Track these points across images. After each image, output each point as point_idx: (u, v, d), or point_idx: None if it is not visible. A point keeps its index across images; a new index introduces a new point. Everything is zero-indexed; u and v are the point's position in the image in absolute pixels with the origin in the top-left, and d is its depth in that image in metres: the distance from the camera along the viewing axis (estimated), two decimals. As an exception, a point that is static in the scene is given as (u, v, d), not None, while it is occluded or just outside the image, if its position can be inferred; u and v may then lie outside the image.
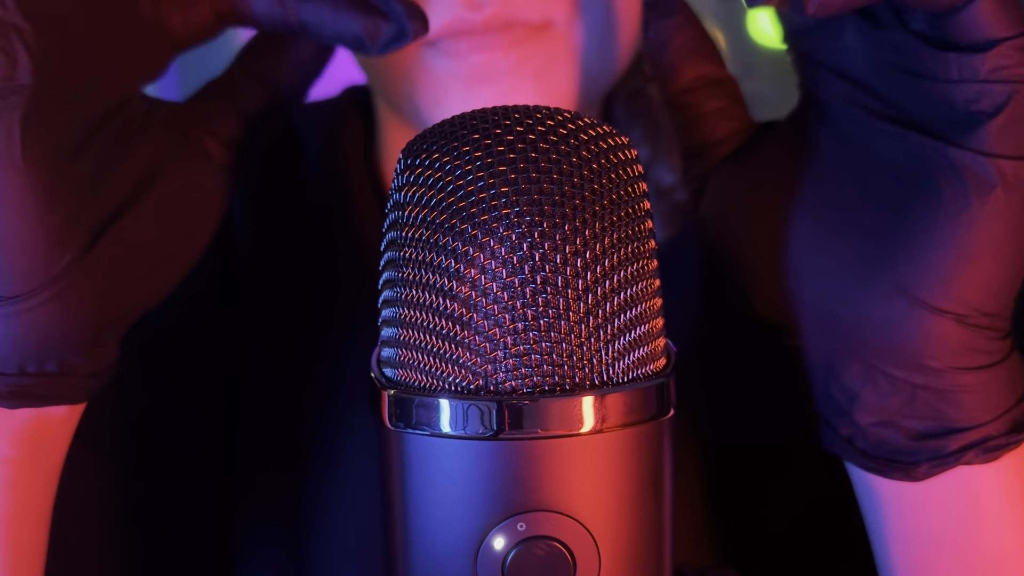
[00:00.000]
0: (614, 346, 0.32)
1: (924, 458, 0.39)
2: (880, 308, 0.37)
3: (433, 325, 0.31)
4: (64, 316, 0.36)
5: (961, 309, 0.36)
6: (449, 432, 0.31)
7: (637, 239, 0.32)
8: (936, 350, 0.37)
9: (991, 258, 0.36)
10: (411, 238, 0.32)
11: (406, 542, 0.33)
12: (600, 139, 0.32)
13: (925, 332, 0.37)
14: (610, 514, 0.32)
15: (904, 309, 0.37)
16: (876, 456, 0.40)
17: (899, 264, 0.37)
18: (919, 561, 0.41)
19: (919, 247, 0.36)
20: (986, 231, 0.35)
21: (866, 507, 0.43)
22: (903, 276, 0.37)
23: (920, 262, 0.36)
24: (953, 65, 0.34)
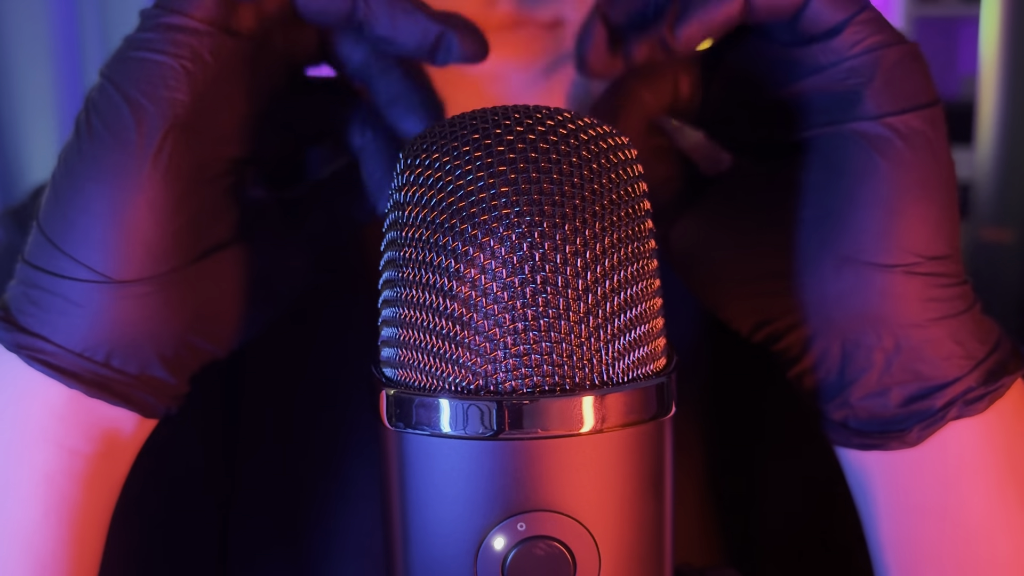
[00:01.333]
0: (614, 346, 0.32)
1: (914, 422, 0.40)
2: (833, 280, 0.39)
3: (433, 325, 0.31)
4: (159, 315, 0.38)
5: (906, 259, 0.38)
6: (449, 432, 0.31)
7: (637, 239, 0.32)
8: (895, 307, 0.39)
9: (914, 203, 0.38)
10: (411, 238, 0.32)
11: (406, 542, 0.33)
12: (600, 139, 0.32)
13: (880, 291, 0.39)
14: (610, 514, 0.32)
15: (854, 275, 0.39)
16: (870, 432, 0.41)
17: (836, 237, 0.39)
18: (909, 530, 0.42)
19: (848, 217, 0.39)
20: (900, 182, 0.38)
21: (857, 487, 0.44)
22: (843, 246, 0.39)
23: (853, 228, 0.39)
24: (819, 54, 0.39)
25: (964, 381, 0.40)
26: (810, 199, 0.40)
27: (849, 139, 0.39)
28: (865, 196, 0.38)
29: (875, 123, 0.38)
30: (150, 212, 0.37)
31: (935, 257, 0.39)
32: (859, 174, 0.39)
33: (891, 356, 0.40)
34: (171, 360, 0.39)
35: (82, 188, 0.37)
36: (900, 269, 0.38)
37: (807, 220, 0.40)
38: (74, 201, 0.37)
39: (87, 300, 0.37)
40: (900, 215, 0.38)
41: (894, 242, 0.38)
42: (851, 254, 0.39)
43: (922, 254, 0.38)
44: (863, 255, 0.39)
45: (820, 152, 0.40)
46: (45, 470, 0.38)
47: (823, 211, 0.40)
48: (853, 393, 0.41)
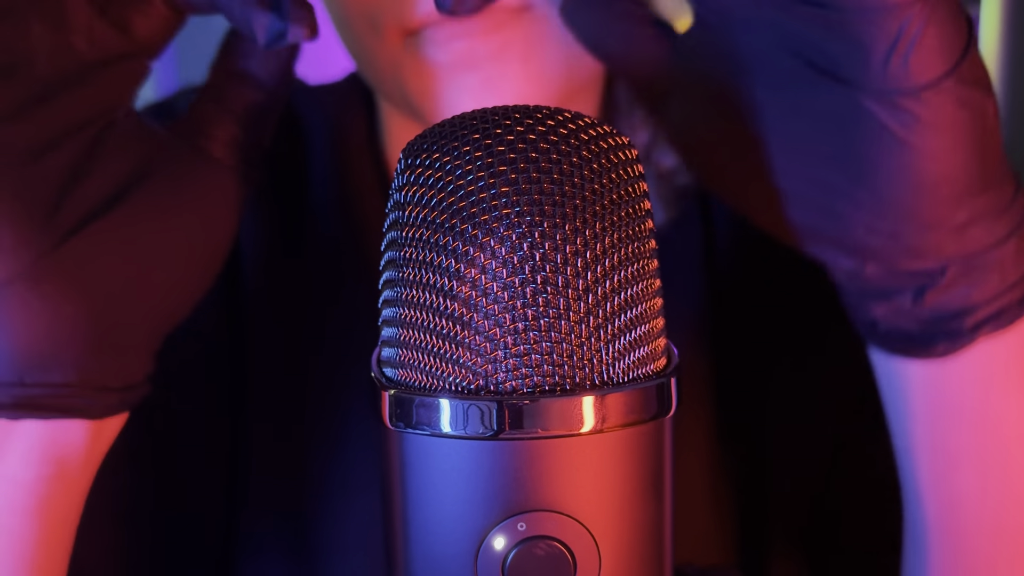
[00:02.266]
0: (614, 346, 0.32)
1: (941, 339, 0.39)
2: (865, 237, 0.38)
3: (433, 325, 0.31)
4: (48, 310, 0.35)
5: (941, 222, 0.37)
6: (449, 432, 0.31)
7: (637, 239, 0.32)
8: (936, 253, 0.37)
9: (944, 169, 0.36)
10: (411, 238, 0.32)
11: (406, 542, 0.33)
12: (600, 139, 0.32)
13: (917, 248, 0.37)
14: (610, 514, 0.32)
15: (887, 238, 0.37)
16: (895, 339, 0.40)
17: (867, 212, 0.37)
18: (940, 437, 0.41)
19: (875, 185, 0.37)
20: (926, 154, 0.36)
21: (887, 391, 0.43)
22: (876, 218, 0.37)
23: (885, 204, 0.37)
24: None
25: (999, 301, 0.38)
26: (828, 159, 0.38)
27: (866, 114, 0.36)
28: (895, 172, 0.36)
29: (898, 97, 0.35)
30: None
31: (975, 206, 0.37)
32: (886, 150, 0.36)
33: (922, 285, 0.38)
34: (101, 351, 0.37)
35: None
36: (938, 226, 0.37)
37: (827, 157, 0.38)
38: None
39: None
40: (938, 186, 0.36)
41: (927, 216, 0.36)
42: (882, 226, 0.37)
43: (959, 211, 0.37)
44: (895, 225, 0.37)
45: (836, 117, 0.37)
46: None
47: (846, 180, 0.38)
48: (877, 309, 0.40)
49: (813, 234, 0.40)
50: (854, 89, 0.35)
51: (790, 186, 0.39)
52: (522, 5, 0.46)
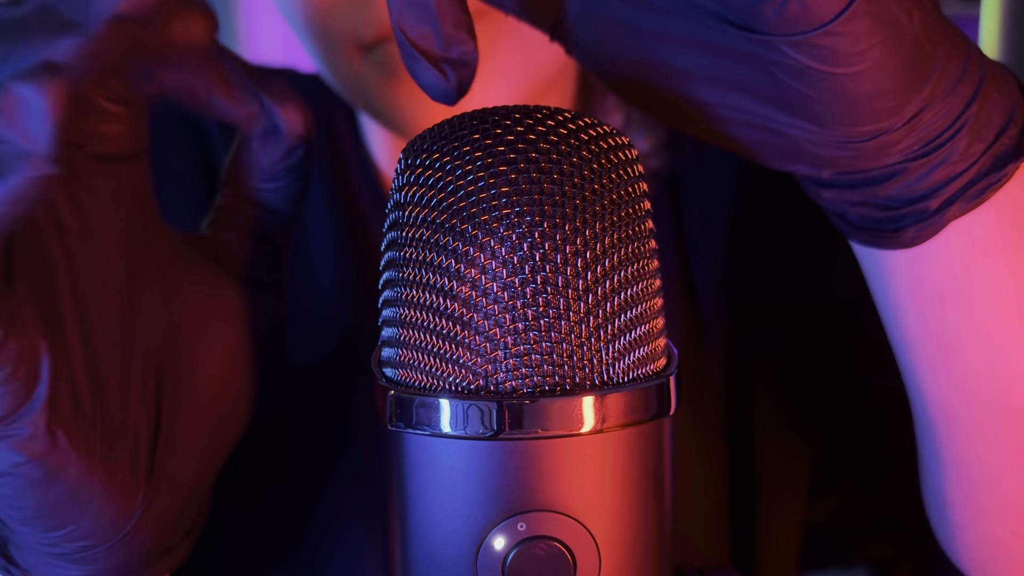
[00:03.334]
0: (614, 346, 0.32)
1: (909, 224, 0.38)
2: (816, 150, 0.36)
3: (433, 325, 0.31)
4: (155, 524, 0.36)
5: (887, 123, 0.35)
6: (449, 432, 0.31)
7: (637, 239, 0.32)
8: (890, 150, 0.36)
9: (885, 77, 0.34)
10: (411, 238, 0.32)
11: (406, 542, 0.33)
12: (600, 139, 0.32)
13: (869, 152, 0.36)
14: (610, 514, 0.32)
15: (837, 149, 0.36)
16: (865, 228, 0.39)
17: (810, 134, 0.36)
18: (931, 324, 0.40)
19: (815, 114, 0.35)
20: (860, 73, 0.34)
21: (873, 283, 0.42)
22: (822, 137, 0.36)
23: (825, 121, 0.35)
24: None
25: (965, 175, 0.37)
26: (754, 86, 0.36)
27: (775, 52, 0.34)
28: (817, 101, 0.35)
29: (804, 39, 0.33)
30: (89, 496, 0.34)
31: (920, 97, 0.35)
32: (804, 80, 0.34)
33: (883, 175, 0.37)
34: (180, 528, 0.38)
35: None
36: (886, 130, 0.35)
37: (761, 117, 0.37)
38: None
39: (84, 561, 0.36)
40: (868, 106, 0.34)
41: (871, 126, 0.35)
42: (826, 140, 0.36)
43: (904, 110, 0.35)
44: (843, 134, 0.35)
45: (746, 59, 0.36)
46: None
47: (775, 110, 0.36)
48: (842, 200, 0.38)
49: (761, 150, 0.38)
50: (763, 36, 0.34)
51: (724, 114, 0.38)
52: (479, 10, 0.46)
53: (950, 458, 0.42)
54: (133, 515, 0.35)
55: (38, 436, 0.32)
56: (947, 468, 0.42)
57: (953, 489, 0.42)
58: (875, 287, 0.42)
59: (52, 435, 0.32)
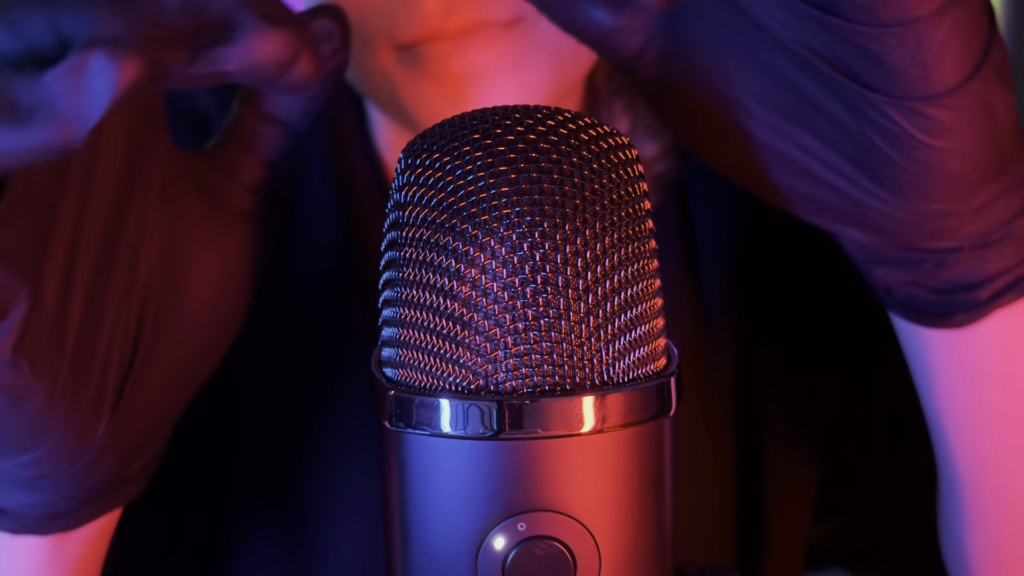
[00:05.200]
0: (615, 346, 0.32)
1: (957, 310, 0.38)
2: (878, 220, 0.37)
3: (433, 325, 0.31)
4: (115, 455, 0.36)
5: (960, 207, 0.36)
6: (449, 432, 0.31)
7: (638, 239, 0.32)
8: (952, 234, 0.36)
9: (966, 161, 0.35)
10: (411, 238, 0.32)
11: (406, 542, 0.33)
12: (601, 139, 0.32)
13: (933, 231, 0.36)
14: (610, 514, 0.32)
15: (902, 223, 0.36)
16: (911, 307, 0.39)
17: (881, 202, 0.36)
18: (966, 400, 0.41)
19: (895, 183, 0.35)
20: (950, 150, 0.34)
21: (910, 354, 0.42)
22: (891, 208, 0.36)
23: (902, 193, 0.36)
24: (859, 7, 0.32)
25: (1013, 272, 0.38)
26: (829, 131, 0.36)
27: (874, 110, 0.34)
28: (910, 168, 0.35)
29: (915, 103, 0.33)
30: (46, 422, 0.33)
31: (993, 189, 0.36)
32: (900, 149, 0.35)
33: (943, 259, 0.37)
34: (135, 456, 0.37)
35: None
36: (955, 213, 0.36)
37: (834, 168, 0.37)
38: None
39: (36, 489, 0.35)
40: (950, 180, 0.35)
41: (944, 207, 0.35)
42: (895, 209, 0.36)
43: (977, 198, 0.35)
44: (910, 210, 0.36)
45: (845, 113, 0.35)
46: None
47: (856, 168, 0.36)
48: (890, 277, 0.39)
49: (818, 208, 0.39)
50: (868, 91, 0.34)
51: (791, 163, 0.38)
52: (513, 18, 0.46)
53: (975, 516, 0.43)
54: (93, 446, 0.34)
55: (1, 366, 0.30)
56: (970, 523, 0.43)
57: (975, 542, 0.43)
58: (912, 359, 0.42)
59: (16, 366, 0.30)
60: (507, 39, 0.47)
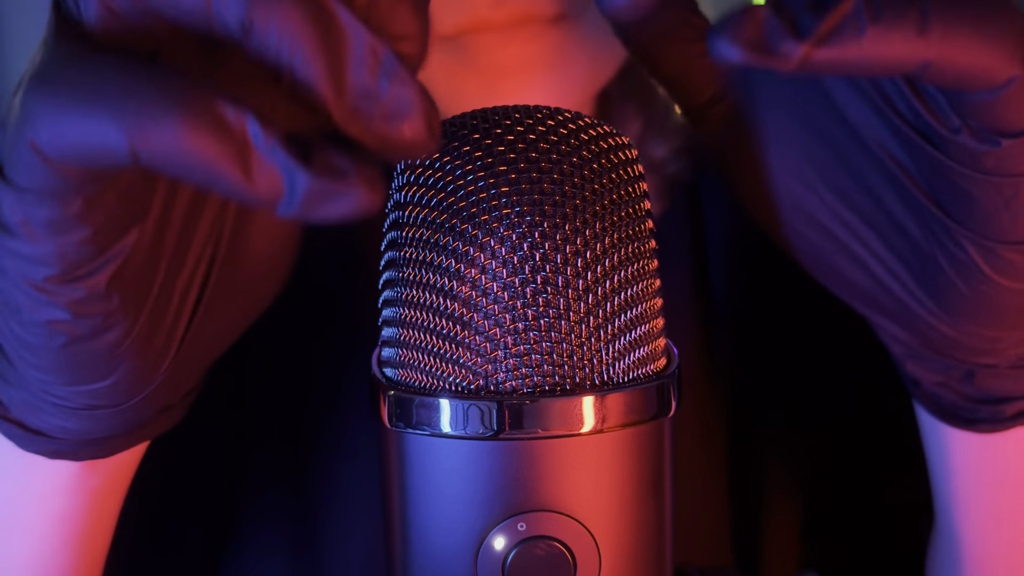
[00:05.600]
0: (615, 346, 0.32)
1: (983, 418, 0.39)
2: (925, 330, 0.37)
3: (433, 325, 0.31)
4: (167, 394, 0.36)
5: (1009, 335, 0.36)
6: (449, 432, 0.31)
7: (637, 239, 0.32)
8: (993, 355, 0.37)
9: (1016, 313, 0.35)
10: (411, 238, 0.32)
11: (406, 542, 0.33)
12: (601, 139, 0.32)
13: (976, 349, 0.37)
14: (610, 514, 0.32)
15: (947, 338, 0.36)
16: (938, 405, 0.40)
17: (933, 315, 0.36)
18: (982, 497, 0.41)
19: (949, 304, 0.35)
20: (1014, 289, 0.35)
21: (929, 444, 0.42)
22: (941, 323, 0.36)
23: (954, 314, 0.36)
24: (964, 150, 0.32)
25: None
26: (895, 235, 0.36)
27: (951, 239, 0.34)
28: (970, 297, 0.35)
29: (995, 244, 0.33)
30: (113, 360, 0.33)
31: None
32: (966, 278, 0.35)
33: (974, 371, 0.38)
34: (183, 384, 0.37)
35: None
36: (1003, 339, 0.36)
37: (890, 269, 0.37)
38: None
39: (86, 418, 0.35)
40: (1008, 316, 0.35)
41: (994, 333, 0.36)
42: (947, 332, 0.36)
43: (1020, 332, 0.36)
44: (961, 337, 0.36)
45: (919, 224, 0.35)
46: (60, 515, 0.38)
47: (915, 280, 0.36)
48: (922, 374, 0.39)
49: (864, 300, 0.38)
50: (949, 220, 0.34)
51: (847, 253, 0.38)
52: (559, 14, 0.47)
53: (970, 569, 0.43)
54: (154, 383, 0.34)
55: (94, 298, 0.30)
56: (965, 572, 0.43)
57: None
58: (930, 446, 0.42)
59: (108, 297, 0.30)
60: (551, 35, 0.47)
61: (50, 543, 0.38)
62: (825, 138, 0.36)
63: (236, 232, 0.35)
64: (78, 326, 0.31)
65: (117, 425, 0.35)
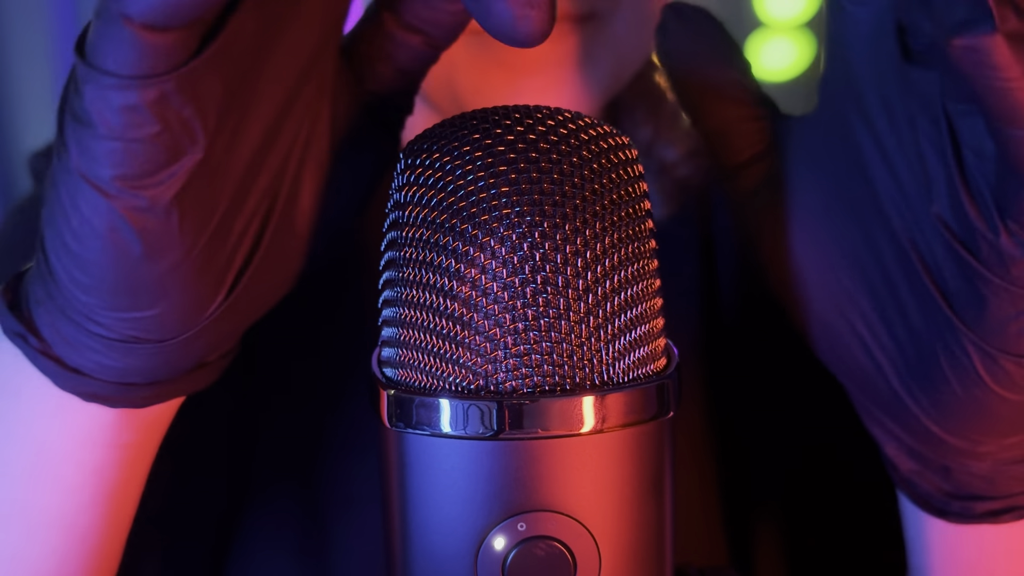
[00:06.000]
0: (614, 346, 0.32)
1: (954, 511, 0.39)
2: (908, 421, 0.38)
3: (433, 325, 0.31)
4: (207, 344, 0.35)
5: (994, 443, 0.37)
6: (449, 432, 0.31)
7: (637, 239, 0.32)
8: (975, 459, 0.37)
9: (1019, 412, 0.36)
10: (412, 238, 0.32)
11: (406, 542, 0.33)
12: (601, 139, 0.32)
13: (960, 451, 0.37)
14: (610, 514, 0.32)
15: (932, 437, 0.37)
16: (913, 490, 0.40)
17: (922, 413, 0.37)
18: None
19: (941, 403, 0.36)
20: (1007, 399, 0.35)
21: (908, 521, 0.43)
22: (930, 421, 0.37)
23: (943, 413, 0.36)
24: (996, 254, 0.32)
25: (1015, 499, 0.39)
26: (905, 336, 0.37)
27: (956, 341, 0.34)
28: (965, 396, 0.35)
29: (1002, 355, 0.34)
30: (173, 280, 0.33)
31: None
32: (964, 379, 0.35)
33: (948, 470, 0.38)
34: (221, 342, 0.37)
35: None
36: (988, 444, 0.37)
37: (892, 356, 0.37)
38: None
39: (126, 352, 0.34)
40: (996, 420, 0.36)
41: (980, 440, 0.37)
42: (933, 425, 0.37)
43: (1013, 439, 0.37)
44: (946, 432, 0.37)
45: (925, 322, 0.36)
46: (92, 466, 0.37)
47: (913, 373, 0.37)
48: (900, 460, 0.40)
49: (854, 378, 0.39)
50: (958, 321, 0.34)
51: (850, 329, 0.38)
52: (587, 14, 0.47)
53: None
54: (199, 324, 0.34)
55: (154, 211, 0.30)
56: None
57: None
58: (908, 525, 0.43)
59: (168, 214, 0.30)
60: (578, 34, 0.47)
61: (80, 495, 0.38)
62: (855, 216, 0.37)
63: (290, 198, 0.35)
64: (133, 240, 0.31)
65: (154, 368, 0.35)
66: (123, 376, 0.35)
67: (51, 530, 0.38)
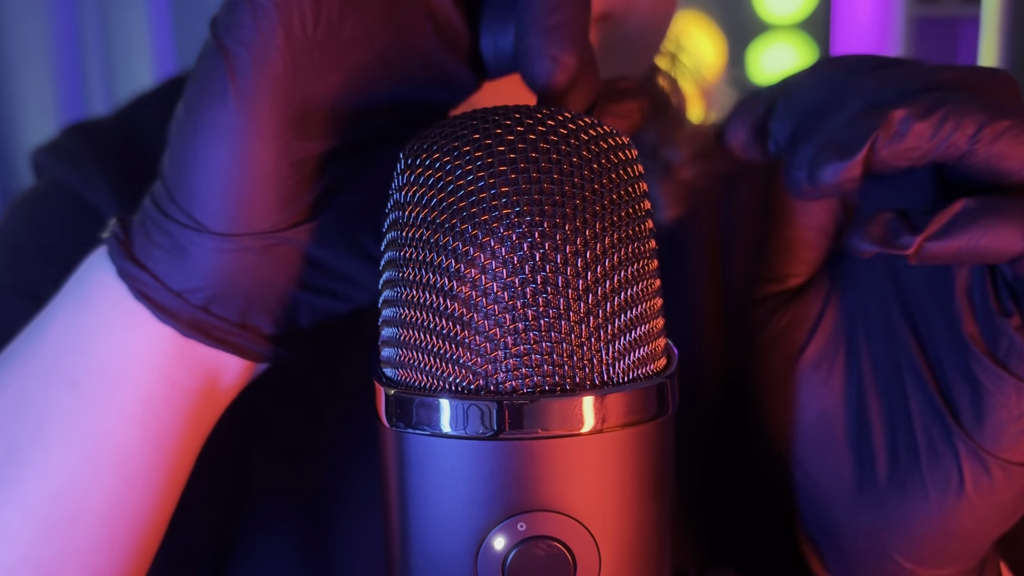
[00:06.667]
0: (614, 346, 0.32)
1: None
2: (863, 545, 0.38)
3: (433, 325, 0.31)
4: (260, 269, 0.37)
5: (943, 570, 0.37)
6: (449, 432, 0.31)
7: (637, 239, 0.32)
8: (910, 565, 0.38)
9: (977, 531, 0.36)
10: (411, 238, 0.32)
11: (406, 542, 0.33)
12: (601, 139, 0.32)
13: (901, 551, 0.38)
14: (610, 514, 0.32)
15: (882, 559, 0.38)
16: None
17: (885, 519, 0.37)
18: None
19: (909, 515, 0.37)
20: (975, 512, 0.36)
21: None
22: (885, 532, 0.37)
23: (907, 528, 0.37)
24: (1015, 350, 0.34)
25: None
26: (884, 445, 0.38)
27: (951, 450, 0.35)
28: (935, 508, 0.36)
29: (987, 456, 0.35)
30: (249, 168, 0.35)
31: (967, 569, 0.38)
32: (941, 486, 0.36)
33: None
34: (276, 312, 0.39)
35: (185, 139, 0.36)
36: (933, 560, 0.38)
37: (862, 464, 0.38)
38: (178, 151, 0.36)
39: (190, 245, 0.36)
40: (959, 540, 0.37)
41: (938, 558, 0.37)
42: (888, 545, 0.38)
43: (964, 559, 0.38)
44: (899, 554, 0.38)
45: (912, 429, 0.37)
46: (146, 394, 0.38)
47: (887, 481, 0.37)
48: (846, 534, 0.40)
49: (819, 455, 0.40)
50: (953, 421, 0.35)
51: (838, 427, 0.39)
52: (604, 13, 0.47)
53: None
54: (272, 225, 0.36)
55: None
56: None
57: None
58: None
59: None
60: (592, 33, 0.47)
61: (139, 426, 0.39)
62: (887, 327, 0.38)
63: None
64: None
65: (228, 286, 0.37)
66: (183, 283, 0.37)
67: (104, 460, 0.39)
